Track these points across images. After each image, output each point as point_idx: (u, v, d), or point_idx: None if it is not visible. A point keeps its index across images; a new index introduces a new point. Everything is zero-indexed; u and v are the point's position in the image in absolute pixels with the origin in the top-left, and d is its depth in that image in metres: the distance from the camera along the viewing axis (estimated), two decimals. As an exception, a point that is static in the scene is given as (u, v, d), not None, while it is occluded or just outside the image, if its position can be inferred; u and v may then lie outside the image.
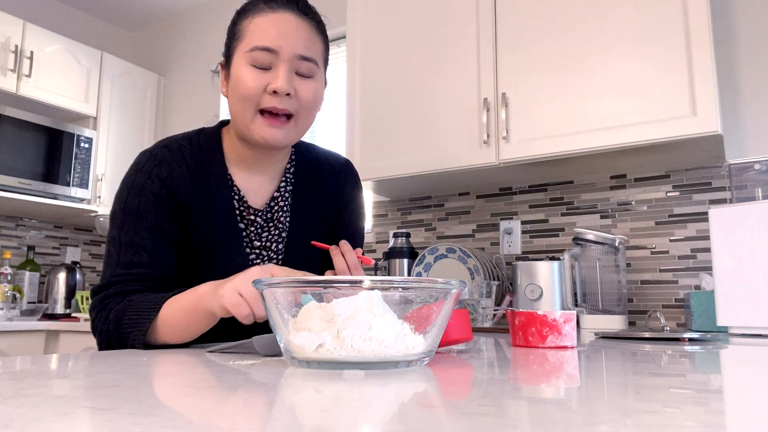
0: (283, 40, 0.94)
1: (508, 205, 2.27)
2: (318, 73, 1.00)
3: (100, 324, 0.93)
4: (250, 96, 0.94)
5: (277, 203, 1.09)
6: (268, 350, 0.71)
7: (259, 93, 0.94)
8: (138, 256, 0.95)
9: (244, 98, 0.95)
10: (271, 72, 0.94)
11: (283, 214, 1.09)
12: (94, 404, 0.37)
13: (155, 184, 0.97)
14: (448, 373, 0.56)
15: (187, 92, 3.48)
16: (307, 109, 0.98)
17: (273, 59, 0.94)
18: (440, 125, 2.03)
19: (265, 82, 0.94)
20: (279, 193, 1.09)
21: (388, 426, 0.31)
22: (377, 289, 0.57)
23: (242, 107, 0.96)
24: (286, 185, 1.10)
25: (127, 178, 1.00)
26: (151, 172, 0.98)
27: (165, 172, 0.99)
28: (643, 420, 0.33)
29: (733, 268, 1.26)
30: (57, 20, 3.41)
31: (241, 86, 0.94)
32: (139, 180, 0.98)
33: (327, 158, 1.17)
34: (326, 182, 1.14)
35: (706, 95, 1.58)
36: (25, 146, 2.76)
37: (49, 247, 3.30)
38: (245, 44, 0.95)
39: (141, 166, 1.00)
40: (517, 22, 1.91)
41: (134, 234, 0.96)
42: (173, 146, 1.02)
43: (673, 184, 1.96)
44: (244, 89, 0.94)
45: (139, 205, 0.96)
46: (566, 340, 0.86)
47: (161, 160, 1.00)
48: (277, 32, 0.94)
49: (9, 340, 2.47)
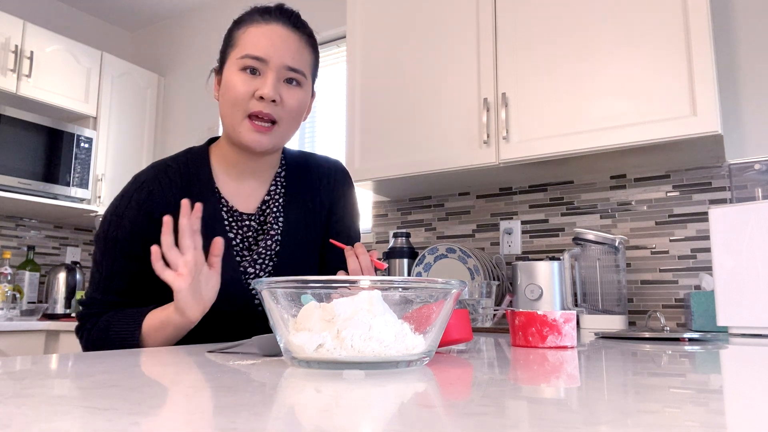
0: (273, 50, 1.00)
1: (508, 205, 2.27)
2: (305, 84, 1.05)
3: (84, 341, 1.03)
4: (240, 100, 0.99)
5: (268, 206, 1.10)
6: (268, 350, 0.71)
7: (247, 98, 0.99)
8: (115, 283, 1.02)
9: (234, 102, 1.00)
10: (259, 79, 1.00)
11: (275, 216, 1.10)
12: (94, 404, 0.37)
13: (132, 209, 1.02)
14: (448, 373, 0.56)
15: (187, 92, 3.48)
16: (291, 116, 1.03)
17: (262, 67, 1.00)
18: (440, 125, 2.03)
19: (253, 88, 0.99)
20: (270, 196, 1.11)
21: (388, 426, 0.31)
22: (377, 289, 0.57)
23: (231, 111, 1.01)
24: (277, 188, 1.12)
25: (112, 204, 1.06)
26: (131, 197, 1.04)
27: (144, 195, 1.03)
28: (643, 420, 0.33)
29: (733, 268, 1.26)
30: (57, 20, 3.41)
31: (231, 90, 1.00)
32: (120, 206, 1.03)
33: (317, 160, 1.20)
34: (317, 182, 1.17)
35: (706, 95, 1.58)
36: (25, 146, 2.76)
37: (49, 247, 3.30)
38: (238, 51, 1.01)
39: (124, 191, 1.06)
40: (517, 22, 1.91)
41: (113, 261, 1.02)
42: (159, 166, 1.08)
43: (673, 184, 1.96)
44: (234, 93, 0.99)
45: (117, 233, 1.01)
46: (566, 340, 0.86)
47: (143, 182, 1.05)
48: (268, 42, 1.00)
49: (9, 340, 2.47)
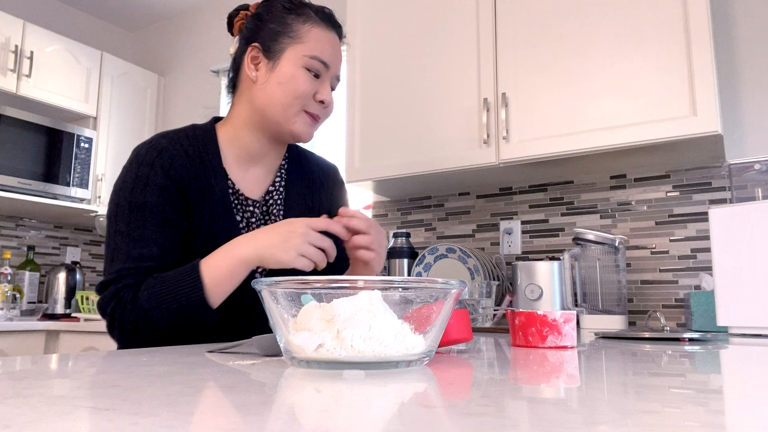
0: (333, 59, 1.09)
1: (508, 205, 2.27)
2: None
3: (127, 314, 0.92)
4: (304, 96, 1.05)
5: (272, 197, 1.13)
6: (268, 350, 0.71)
7: (309, 96, 1.06)
8: (148, 249, 0.96)
9: (297, 96, 1.04)
10: (317, 82, 1.07)
11: (278, 207, 1.13)
12: (94, 404, 0.37)
13: (159, 176, 0.99)
14: (448, 373, 0.56)
15: (187, 92, 3.48)
16: (327, 117, 1.13)
17: (323, 72, 1.07)
18: (440, 125, 2.03)
19: (314, 89, 1.06)
20: (274, 187, 1.14)
21: (388, 426, 0.31)
22: (377, 289, 0.57)
23: (290, 102, 1.04)
24: (281, 180, 1.16)
25: (129, 172, 1.01)
26: (153, 164, 1.00)
27: (167, 162, 1.00)
28: (643, 420, 0.33)
29: (733, 268, 1.26)
30: (57, 20, 3.41)
31: (297, 85, 1.04)
32: (142, 172, 0.99)
33: (316, 160, 1.26)
34: (316, 180, 1.22)
35: (706, 95, 1.58)
36: (25, 146, 2.76)
37: (49, 247, 3.30)
38: (304, 48, 1.05)
39: (142, 159, 1.01)
40: (517, 22, 1.91)
41: (143, 227, 0.97)
42: (172, 137, 1.05)
43: (673, 184, 1.96)
44: (301, 89, 1.04)
45: (146, 198, 0.98)
46: (566, 340, 0.86)
47: (162, 150, 1.01)
48: (331, 51, 1.08)
49: (9, 340, 2.47)
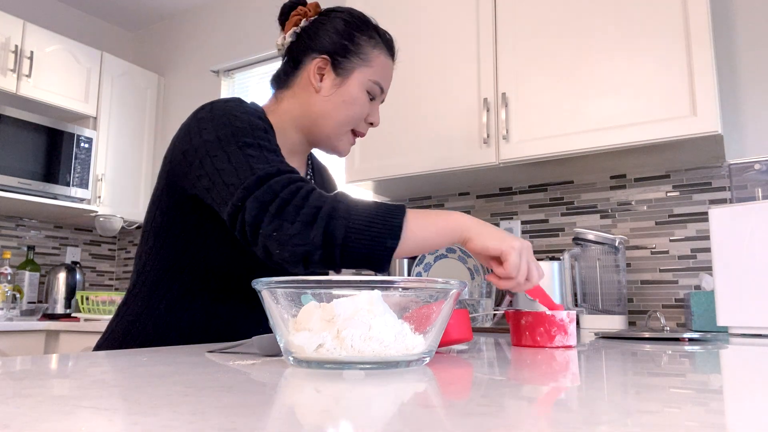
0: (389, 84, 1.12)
1: (508, 205, 2.27)
2: None
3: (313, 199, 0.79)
4: (358, 118, 1.07)
5: None
6: (268, 350, 0.71)
7: (363, 117, 1.08)
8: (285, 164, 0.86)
9: (353, 116, 1.06)
10: (370, 104, 1.09)
11: None
12: (94, 404, 0.37)
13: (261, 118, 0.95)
14: (448, 373, 0.56)
15: (187, 92, 3.48)
16: None
17: (378, 95, 1.09)
18: (440, 125, 2.03)
19: (367, 111, 1.08)
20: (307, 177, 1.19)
21: (388, 426, 0.31)
22: (377, 289, 0.57)
23: (344, 120, 1.06)
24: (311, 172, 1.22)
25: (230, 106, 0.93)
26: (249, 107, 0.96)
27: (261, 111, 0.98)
28: (643, 420, 0.33)
29: (733, 268, 1.26)
30: (57, 20, 3.41)
31: (356, 107, 1.06)
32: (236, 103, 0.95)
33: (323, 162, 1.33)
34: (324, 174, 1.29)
35: (706, 95, 1.58)
36: (25, 146, 2.76)
37: (49, 247, 3.30)
38: (371, 73, 1.06)
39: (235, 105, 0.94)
40: (517, 22, 1.91)
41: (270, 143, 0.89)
42: None
43: (673, 184, 1.96)
44: (357, 110, 1.06)
45: (259, 122, 0.92)
46: (571, 340, 0.88)
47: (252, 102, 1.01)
48: (389, 80, 1.11)
49: (9, 340, 2.47)
